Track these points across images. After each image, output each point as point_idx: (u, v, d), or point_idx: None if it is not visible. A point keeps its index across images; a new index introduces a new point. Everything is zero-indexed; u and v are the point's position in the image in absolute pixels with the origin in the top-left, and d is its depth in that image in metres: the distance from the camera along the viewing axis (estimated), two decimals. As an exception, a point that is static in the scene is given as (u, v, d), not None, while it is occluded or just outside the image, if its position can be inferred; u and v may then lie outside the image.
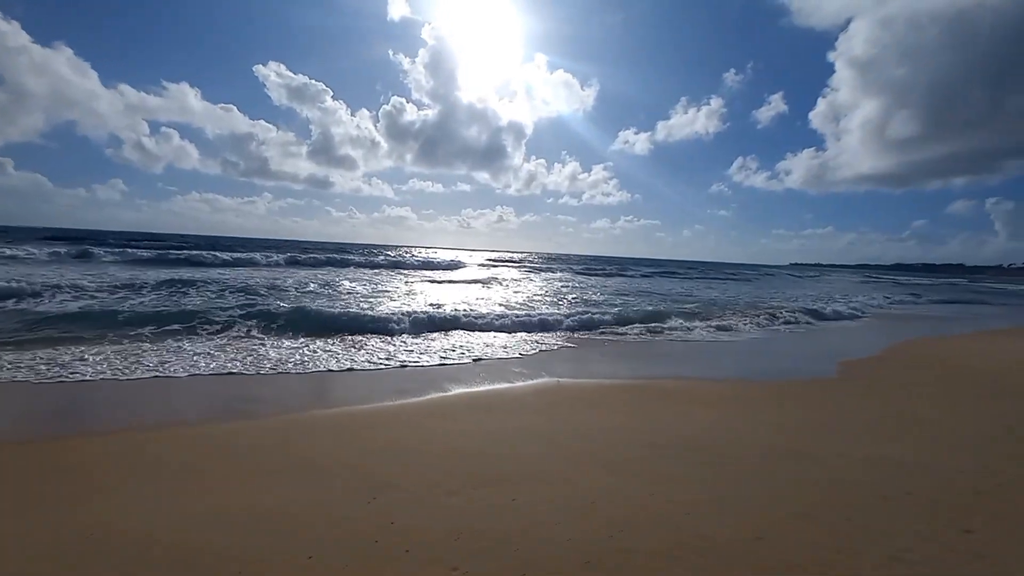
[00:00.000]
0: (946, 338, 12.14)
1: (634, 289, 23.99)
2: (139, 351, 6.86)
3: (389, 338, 8.62)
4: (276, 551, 2.59)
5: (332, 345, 7.92)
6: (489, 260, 50.84)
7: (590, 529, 2.82)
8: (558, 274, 34.37)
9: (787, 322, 13.62)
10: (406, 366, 6.90)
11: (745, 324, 12.79)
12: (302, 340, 8.07)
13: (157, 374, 5.96)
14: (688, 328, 11.73)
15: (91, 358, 6.36)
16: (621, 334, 10.55)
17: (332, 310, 10.17)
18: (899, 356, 9.24)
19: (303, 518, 2.91)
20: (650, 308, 14.46)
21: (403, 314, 10.09)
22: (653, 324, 11.75)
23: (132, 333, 7.66)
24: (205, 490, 3.26)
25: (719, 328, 12.02)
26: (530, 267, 41.97)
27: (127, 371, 5.97)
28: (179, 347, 7.23)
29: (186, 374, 6.02)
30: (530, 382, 6.39)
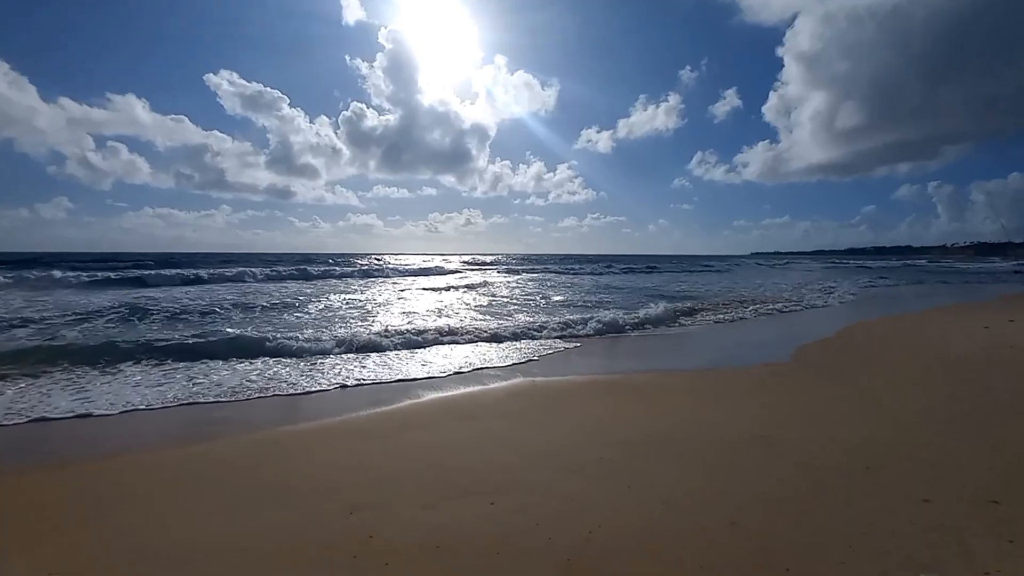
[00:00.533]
0: (911, 316, 12.73)
1: (617, 285, 24.36)
2: (91, 381, 6.56)
3: (380, 354, 8.27)
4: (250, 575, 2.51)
5: (322, 364, 7.74)
6: (465, 263, 50.60)
7: (569, 531, 2.84)
8: (539, 275, 34.52)
9: (781, 311, 14.06)
10: (391, 382, 6.79)
11: (729, 316, 13.10)
12: (285, 362, 7.76)
13: (109, 406, 5.70)
14: (682, 324, 11.89)
15: (37, 392, 6.05)
16: (617, 333, 10.61)
17: (308, 328, 9.89)
18: (860, 338, 9.64)
19: (277, 541, 2.83)
20: (643, 304, 14.66)
21: (394, 329, 9.94)
22: (648, 319, 11.77)
23: (84, 363, 7.30)
24: (169, 521, 3.13)
25: (698, 320, 12.31)
26: (508, 268, 42.06)
27: (77, 405, 5.70)
28: (138, 372, 6.95)
29: (129, 406, 5.78)
30: (504, 383, 6.39)
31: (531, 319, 11.75)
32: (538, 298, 17.93)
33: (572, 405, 5.39)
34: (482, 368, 7.31)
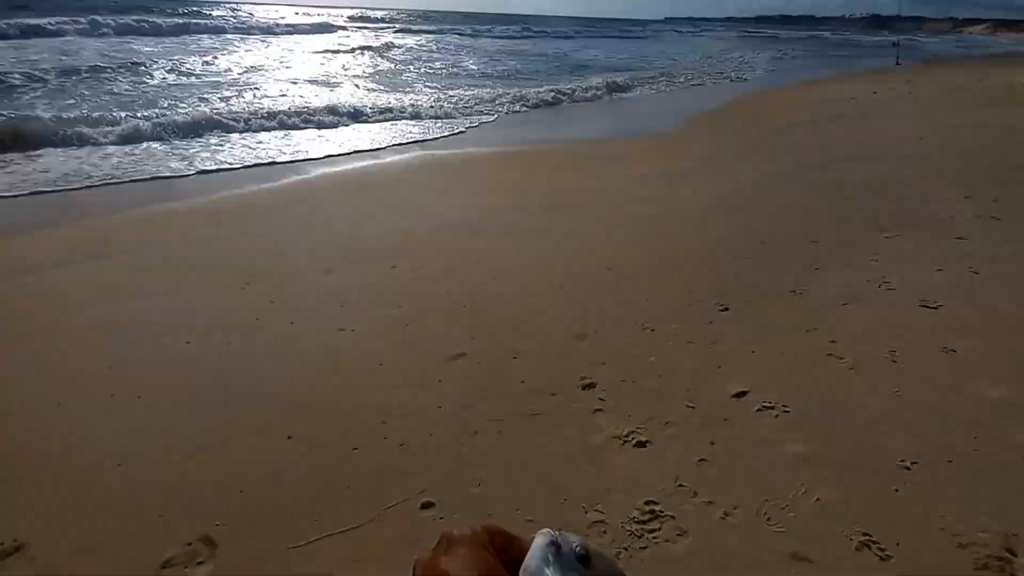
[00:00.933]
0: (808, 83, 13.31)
1: (529, 51, 22.36)
2: None
3: (261, 133, 7.09)
4: (145, 350, 2.53)
5: (184, 145, 6.55)
6: (351, 20, 42.56)
7: (465, 283, 3.08)
8: (439, 36, 30.33)
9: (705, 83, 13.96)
10: (276, 162, 6.07)
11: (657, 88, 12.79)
12: (136, 144, 6.41)
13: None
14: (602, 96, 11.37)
15: None
16: (531, 107, 9.92)
17: (162, 100, 8.20)
18: (756, 106, 10.08)
19: (168, 319, 2.79)
20: (559, 76, 13.67)
21: (275, 101, 8.51)
22: (564, 92, 11.03)
23: None
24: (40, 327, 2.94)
25: (615, 90, 11.94)
26: (404, 28, 36.25)
27: None
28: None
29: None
30: (403, 157, 6.11)
31: (437, 91, 10.71)
32: (442, 65, 16.13)
33: (474, 176, 5.36)
34: (381, 148, 6.81)
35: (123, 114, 7.05)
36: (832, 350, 2.37)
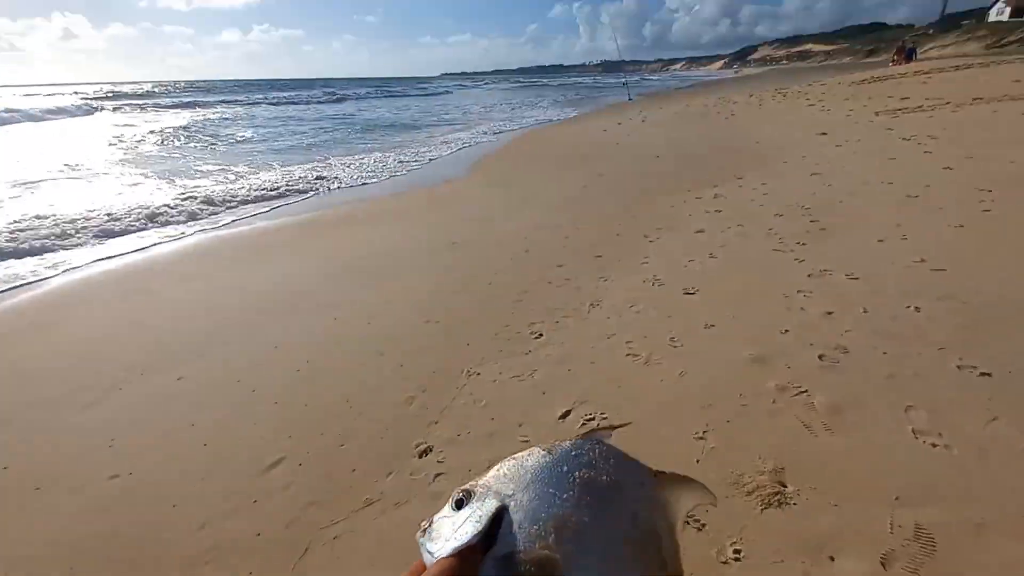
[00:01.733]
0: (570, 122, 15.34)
1: (311, 117, 21.60)
2: None
3: None
4: None
5: None
6: (109, 94, 36.52)
7: (268, 375, 2.77)
8: (216, 109, 27.71)
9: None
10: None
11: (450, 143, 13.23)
12: None
13: None
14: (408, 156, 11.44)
15: None
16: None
17: None
18: (524, 146, 11.28)
19: None
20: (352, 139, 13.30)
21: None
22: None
23: None
24: None
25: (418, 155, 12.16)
26: (177, 102, 32.35)
27: None
28: None
29: None
30: (179, 243, 5.34)
31: (228, 174, 9.68)
32: (217, 141, 14.75)
33: (266, 253, 4.92)
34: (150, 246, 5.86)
35: None
36: (629, 350, 2.69)
